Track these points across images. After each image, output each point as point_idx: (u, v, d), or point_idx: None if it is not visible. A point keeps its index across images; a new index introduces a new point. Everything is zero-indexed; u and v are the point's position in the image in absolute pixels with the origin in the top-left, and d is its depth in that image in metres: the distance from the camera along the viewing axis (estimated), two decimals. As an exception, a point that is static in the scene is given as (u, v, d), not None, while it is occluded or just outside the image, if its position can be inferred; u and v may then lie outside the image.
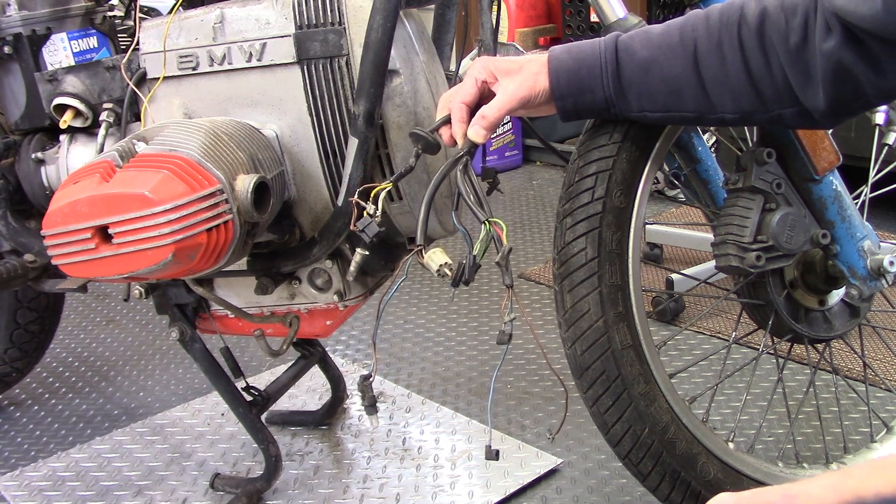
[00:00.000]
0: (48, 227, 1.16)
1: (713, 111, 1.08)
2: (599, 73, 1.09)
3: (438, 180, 1.06)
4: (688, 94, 1.07)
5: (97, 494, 1.64)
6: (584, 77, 1.09)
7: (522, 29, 3.56)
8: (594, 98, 1.11)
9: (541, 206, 3.28)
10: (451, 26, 1.50)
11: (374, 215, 1.07)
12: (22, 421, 1.96)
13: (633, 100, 1.10)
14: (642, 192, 1.26)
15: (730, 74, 1.04)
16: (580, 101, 1.11)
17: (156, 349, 2.29)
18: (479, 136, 1.08)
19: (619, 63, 1.09)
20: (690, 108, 1.09)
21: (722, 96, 1.06)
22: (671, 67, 1.06)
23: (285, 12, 1.27)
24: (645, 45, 1.08)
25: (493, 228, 1.01)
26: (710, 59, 1.05)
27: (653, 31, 1.10)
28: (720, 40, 1.04)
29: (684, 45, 1.06)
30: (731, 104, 1.06)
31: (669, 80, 1.07)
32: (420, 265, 1.06)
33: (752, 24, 1.02)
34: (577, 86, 1.10)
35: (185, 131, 1.22)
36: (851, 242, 1.30)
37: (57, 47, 1.44)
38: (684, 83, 1.07)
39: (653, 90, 1.09)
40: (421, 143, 1.10)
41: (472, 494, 1.56)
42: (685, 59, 1.06)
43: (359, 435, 1.79)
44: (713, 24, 1.05)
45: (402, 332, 2.29)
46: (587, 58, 1.10)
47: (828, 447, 1.53)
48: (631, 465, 1.30)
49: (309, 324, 1.51)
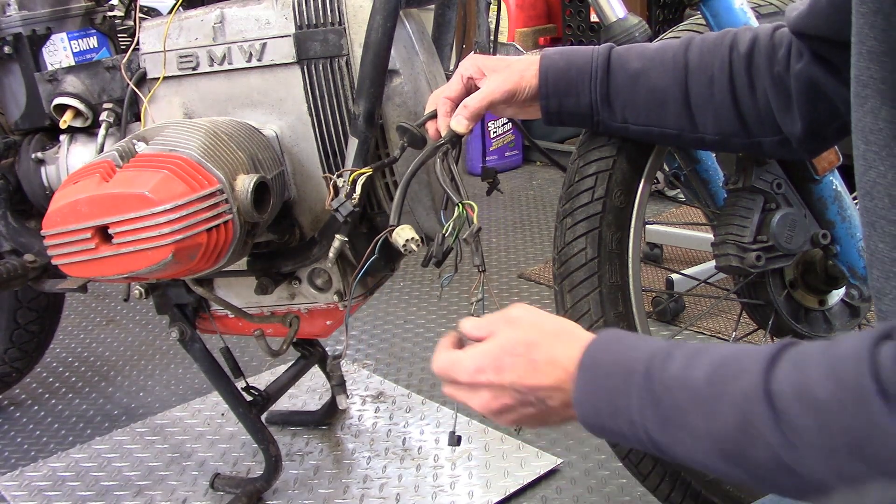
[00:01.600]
0: (48, 227, 1.16)
1: (694, 130, 1.08)
2: (589, 77, 1.09)
3: (417, 166, 1.07)
4: (672, 109, 1.07)
5: (97, 494, 1.64)
6: (572, 78, 1.09)
7: (522, 29, 3.56)
8: (579, 102, 1.10)
9: (541, 206, 3.28)
10: (451, 26, 1.50)
11: (352, 197, 1.09)
12: (22, 421, 1.96)
13: (618, 109, 1.10)
14: (642, 192, 1.26)
15: (715, 95, 1.05)
16: (565, 104, 1.11)
17: (156, 349, 2.29)
18: (461, 125, 1.08)
19: (611, 70, 1.09)
20: (672, 125, 1.09)
21: (705, 116, 1.06)
22: (659, 80, 1.07)
23: (285, 12, 1.27)
24: (638, 57, 1.09)
25: (465, 209, 1.01)
26: (699, 77, 1.05)
27: (649, 46, 1.10)
28: (711, 61, 1.05)
29: (676, 61, 1.06)
30: (712, 125, 1.07)
31: (656, 92, 1.07)
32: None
33: (743, 50, 1.03)
34: (565, 87, 1.10)
35: (185, 131, 1.22)
36: (852, 242, 1.29)
37: (57, 47, 1.44)
38: (670, 98, 1.07)
39: (638, 101, 1.09)
40: (407, 137, 1.12)
41: (472, 494, 1.56)
42: (675, 73, 1.06)
43: (359, 435, 1.79)
44: (707, 46, 1.06)
45: (402, 332, 2.29)
46: (578, 60, 1.10)
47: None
48: (631, 465, 1.30)
49: (309, 324, 1.51)
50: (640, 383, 0.71)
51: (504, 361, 0.78)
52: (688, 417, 0.68)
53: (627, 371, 0.72)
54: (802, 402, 0.61)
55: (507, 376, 0.78)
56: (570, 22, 3.30)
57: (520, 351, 0.78)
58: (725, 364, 0.67)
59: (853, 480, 0.60)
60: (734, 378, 0.66)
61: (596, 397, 0.74)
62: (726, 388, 0.66)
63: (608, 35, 1.35)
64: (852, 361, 0.60)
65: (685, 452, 0.69)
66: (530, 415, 0.80)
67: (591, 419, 0.76)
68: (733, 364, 0.67)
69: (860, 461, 0.59)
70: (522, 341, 0.78)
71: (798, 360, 0.64)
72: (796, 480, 0.63)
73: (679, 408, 0.68)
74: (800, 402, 0.61)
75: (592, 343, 0.76)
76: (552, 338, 0.78)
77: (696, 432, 0.68)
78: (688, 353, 0.70)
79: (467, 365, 0.81)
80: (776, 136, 1.05)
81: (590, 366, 0.75)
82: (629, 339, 0.76)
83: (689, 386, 0.68)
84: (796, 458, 0.62)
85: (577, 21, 3.27)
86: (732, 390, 0.65)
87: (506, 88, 1.09)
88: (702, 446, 0.68)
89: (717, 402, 0.66)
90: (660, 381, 0.70)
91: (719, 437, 0.66)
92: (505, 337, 0.80)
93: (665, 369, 0.70)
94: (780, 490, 0.68)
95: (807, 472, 0.62)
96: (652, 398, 0.70)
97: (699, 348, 0.71)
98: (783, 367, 0.64)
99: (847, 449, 0.59)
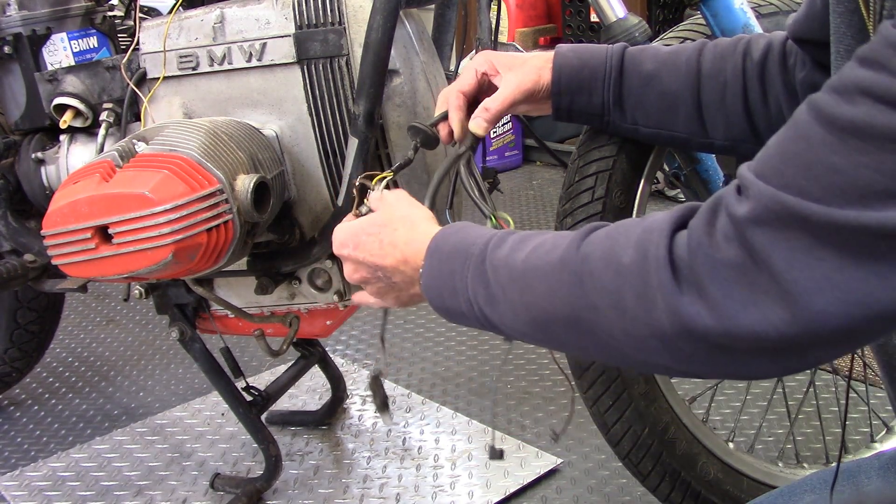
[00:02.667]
0: (48, 227, 1.16)
1: (704, 136, 1.08)
2: (602, 76, 1.08)
3: (441, 175, 1.03)
4: (682, 113, 1.07)
5: (97, 494, 1.64)
6: (585, 77, 1.08)
7: (522, 29, 3.56)
8: (591, 101, 1.10)
9: (541, 206, 3.28)
10: (451, 26, 1.50)
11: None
12: (22, 421, 1.96)
13: (629, 110, 1.09)
14: (642, 192, 1.26)
15: (727, 102, 1.04)
16: (576, 101, 1.10)
17: (156, 349, 2.29)
18: (481, 128, 1.04)
19: (624, 70, 1.08)
20: (682, 129, 1.08)
21: (715, 122, 1.06)
22: (671, 84, 1.06)
23: (285, 12, 1.27)
24: (652, 59, 1.08)
25: (499, 222, 1.00)
26: (712, 83, 1.05)
27: (662, 49, 1.10)
28: (724, 68, 1.04)
29: (689, 65, 1.06)
30: (723, 131, 1.06)
31: (667, 95, 1.06)
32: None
33: (756, 58, 1.03)
34: (578, 84, 1.09)
35: (185, 131, 1.22)
36: (851, 242, 1.29)
37: (57, 47, 1.44)
38: (681, 102, 1.06)
39: (649, 104, 1.08)
40: (420, 137, 1.07)
41: (472, 494, 1.56)
42: (688, 78, 1.05)
43: (359, 435, 1.79)
44: (720, 52, 1.05)
45: (402, 332, 2.29)
46: (592, 60, 1.09)
47: (828, 447, 1.53)
48: (631, 465, 1.30)
49: (309, 324, 1.51)
50: (474, 265, 0.79)
51: (361, 239, 0.89)
52: (507, 293, 0.77)
53: (466, 255, 0.81)
54: (608, 265, 0.69)
55: (360, 253, 0.89)
56: (570, 22, 3.30)
57: (373, 231, 0.89)
58: (544, 243, 0.76)
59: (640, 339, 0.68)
60: (547, 253, 0.74)
61: (440, 280, 0.83)
62: (540, 263, 0.74)
63: (608, 35, 1.35)
64: (656, 235, 0.67)
65: (509, 325, 0.78)
66: (383, 289, 0.92)
67: (436, 301, 0.84)
68: (550, 242, 0.75)
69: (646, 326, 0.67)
70: (378, 222, 0.90)
71: (611, 231, 0.72)
72: (592, 339, 0.72)
73: (501, 285, 0.77)
74: (605, 265, 0.69)
75: (441, 231, 0.85)
76: (398, 221, 0.89)
77: (514, 307, 0.76)
78: (519, 238, 0.79)
79: (336, 237, 0.92)
80: None
81: (434, 251, 0.84)
82: (473, 228, 0.84)
83: (510, 265, 0.77)
84: (593, 318, 0.70)
85: (577, 21, 3.27)
86: (545, 264, 0.74)
87: (525, 87, 1.06)
88: (520, 318, 0.76)
89: (531, 275, 0.75)
90: (490, 263, 0.78)
91: (531, 306, 0.75)
92: (369, 216, 0.92)
93: (495, 253, 0.79)
94: (582, 353, 0.79)
95: (604, 332, 0.70)
96: (482, 279, 0.79)
97: (530, 234, 0.79)
98: (597, 236, 0.72)
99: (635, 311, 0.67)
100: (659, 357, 0.68)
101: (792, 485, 0.90)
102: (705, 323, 0.63)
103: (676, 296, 0.64)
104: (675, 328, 0.65)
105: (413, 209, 0.91)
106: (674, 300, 0.64)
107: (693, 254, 0.64)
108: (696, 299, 0.63)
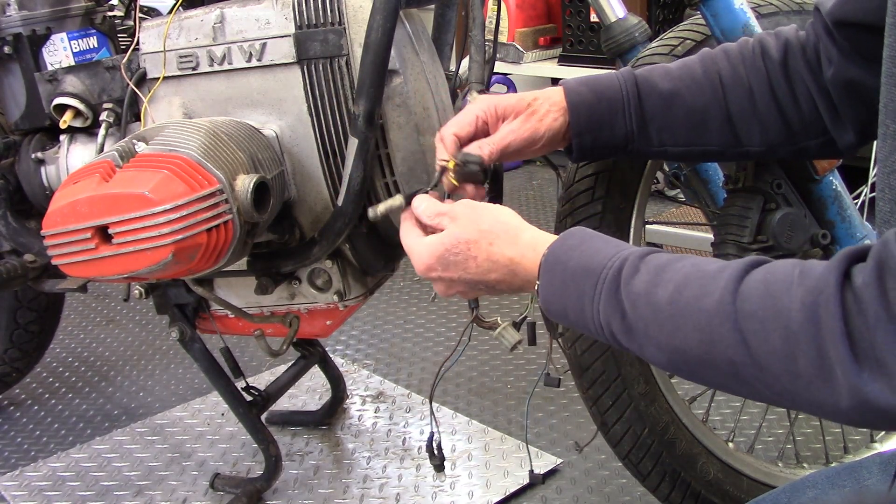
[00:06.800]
0: (48, 227, 1.16)
1: (739, 145, 1.05)
2: (621, 107, 1.04)
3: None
4: (714, 127, 1.04)
5: (97, 494, 1.64)
6: (603, 111, 1.04)
7: (522, 29, 3.56)
8: (613, 134, 1.05)
9: (541, 206, 3.28)
10: (451, 26, 1.50)
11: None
12: (22, 421, 1.96)
13: (654, 134, 1.05)
14: (642, 192, 1.26)
15: (758, 107, 1.02)
16: (599, 138, 1.05)
17: (156, 349, 2.29)
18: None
19: (641, 95, 1.04)
20: (714, 142, 1.05)
21: (750, 130, 1.04)
22: (696, 100, 1.03)
23: (285, 12, 1.27)
24: (665, 77, 1.04)
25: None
26: (738, 91, 1.02)
27: (670, 66, 1.07)
28: (745, 73, 1.02)
29: (709, 77, 1.03)
30: (758, 137, 1.04)
31: (694, 113, 1.03)
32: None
33: (777, 58, 1.01)
34: (598, 120, 1.04)
35: (185, 131, 1.22)
36: (851, 242, 1.30)
37: (57, 47, 1.44)
38: (710, 116, 1.03)
39: (676, 124, 1.04)
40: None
41: (472, 494, 1.56)
42: (712, 91, 1.03)
43: (359, 435, 1.79)
44: (734, 58, 1.04)
45: (402, 333, 2.29)
46: (607, 91, 1.04)
47: (828, 447, 1.53)
48: (631, 465, 1.30)
49: (309, 324, 1.51)
50: (607, 292, 0.77)
51: (448, 260, 0.88)
52: (650, 331, 0.74)
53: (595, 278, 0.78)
54: (775, 327, 0.66)
55: (453, 273, 0.88)
56: (570, 22, 3.29)
57: (460, 249, 0.87)
58: (688, 283, 0.73)
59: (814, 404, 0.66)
60: (697, 299, 0.71)
61: (564, 297, 0.81)
62: (690, 311, 0.71)
63: (608, 35, 1.35)
64: (824, 298, 0.64)
65: (649, 357, 0.76)
66: (484, 293, 0.92)
67: (558, 315, 0.83)
68: (696, 283, 0.72)
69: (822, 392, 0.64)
70: (463, 239, 0.88)
71: (769, 281, 0.68)
72: (752, 388, 0.70)
73: (643, 321, 0.74)
74: (772, 326, 0.66)
75: (558, 244, 0.83)
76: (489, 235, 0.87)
77: (660, 345, 0.74)
78: (654, 267, 0.76)
79: (419, 262, 0.91)
80: (821, 138, 1.03)
81: (553, 265, 0.82)
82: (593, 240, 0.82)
83: (653, 304, 0.74)
84: (757, 374, 0.68)
85: (577, 21, 3.26)
86: (696, 311, 0.71)
87: (523, 137, 1.02)
88: (665, 356, 0.74)
89: (680, 321, 0.72)
90: (626, 295, 0.75)
91: (681, 350, 0.72)
92: (448, 235, 0.89)
93: (631, 284, 0.75)
94: (734, 393, 0.75)
95: (768, 388, 0.68)
96: (618, 308, 0.76)
97: (662, 261, 0.76)
98: (754, 287, 0.68)
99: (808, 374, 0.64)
100: (833, 416, 0.67)
101: (794, 482, 0.90)
102: (888, 400, 0.62)
103: (857, 373, 0.62)
104: (855, 402, 0.63)
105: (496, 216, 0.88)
106: (855, 378, 0.62)
107: (873, 330, 0.62)
108: (877, 376, 0.62)
